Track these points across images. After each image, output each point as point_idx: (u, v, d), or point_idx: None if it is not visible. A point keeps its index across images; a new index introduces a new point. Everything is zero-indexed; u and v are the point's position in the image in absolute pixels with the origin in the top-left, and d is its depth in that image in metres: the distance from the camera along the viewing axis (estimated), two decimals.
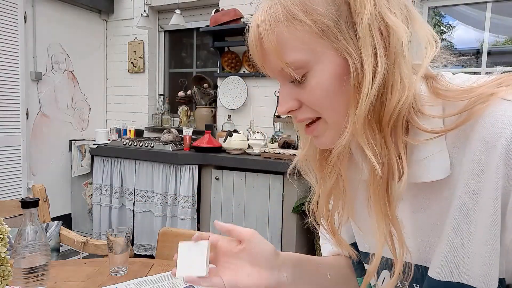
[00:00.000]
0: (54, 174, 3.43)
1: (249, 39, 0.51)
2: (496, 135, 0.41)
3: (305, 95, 0.49)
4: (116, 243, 1.01)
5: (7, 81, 2.97)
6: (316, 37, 0.45)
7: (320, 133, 0.52)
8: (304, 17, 0.45)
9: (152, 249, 2.97)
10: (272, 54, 0.48)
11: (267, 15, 0.47)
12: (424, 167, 0.47)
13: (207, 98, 3.41)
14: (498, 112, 0.42)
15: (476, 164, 0.44)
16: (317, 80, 0.47)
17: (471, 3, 2.65)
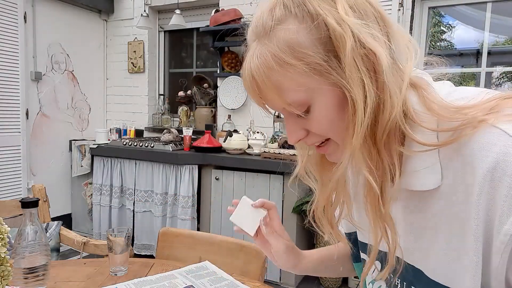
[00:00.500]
0: (54, 174, 3.43)
1: (245, 84, 0.53)
2: (479, 162, 0.44)
3: (311, 125, 0.53)
4: (116, 243, 1.01)
5: (7, 81, 2.97)
6: (310, 76, 0.47)
7: (332, 151, 0.56)
8: (295, 61, 0.47)
9: (152, 249, 2.97)
10: (271, 97, 0.51)
11: (259, 64, 0.49)
12: (417, 178, 0.50)
13: (207, 98, 3.41)
14: (485, 139, 0.44)
15: (461, 184, 0.47)
16: (320, 112, 0.50)
17: (471, 3, 2.65)
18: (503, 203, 0.42)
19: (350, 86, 0.46)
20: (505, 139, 0.43)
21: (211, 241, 1.21)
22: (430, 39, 2.84)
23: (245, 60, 0.53)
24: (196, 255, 1.17)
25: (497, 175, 0.43)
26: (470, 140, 0.45)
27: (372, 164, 0.49)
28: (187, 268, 1.05)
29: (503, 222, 0.42)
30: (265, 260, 1.12)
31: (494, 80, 2.83)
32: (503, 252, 0.43)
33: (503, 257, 0.43)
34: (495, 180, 0.43)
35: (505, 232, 0.42)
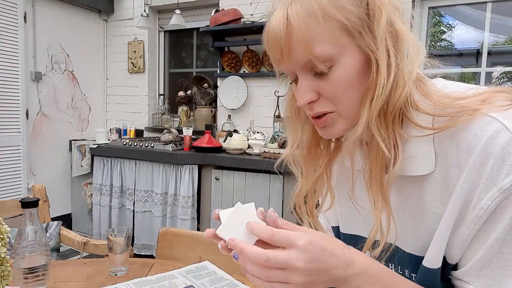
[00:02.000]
0: (54, 174, 3.43)
1: (272, 32, 0.53)
2: (472, 146, 0.48)
3: (327, 87, 0.53)
4: (116, 243, 1.01)
5: (7, 81, 2.97)
6: (344, 33, 0.50)
7: (331, 124, 0.56)
8: (337, 13, 0.49)
9: (152, 249, 2.97)
10: (300, 46, 0.51)
11: (302, 9, 0.50)
12: (412, 163, 0.54)
13: (207, 98, 3.40)
14: (479, 126, 0.48)
15: (454, 168, 0.50)
16: (341, 73, 0.52)
17: (471, 3, 2.65)
18: (485, 181, 0.46)
19: (379, 51, 0.50)
20: (496, 125, 0.47)
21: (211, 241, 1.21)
22: (430, 39, 2.84)
23: (270, 18, 0.54)
24: (196, 255, 1.17)
25: (484, 156, 0.47)
26: (465, 127, 0.49)
27: (385, 136, 0.52)
28: (187, 268, 1.05)
29: (481, 197, 0.47)
30: None
31: (494, 80, 2.83)
32: (475, 224, 0.48)
33: (473, 229, 0.48)
34: (482, 162, 0.47)
35: (481, 207, 0.47)
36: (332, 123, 0.56)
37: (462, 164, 0.49)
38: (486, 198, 0.46)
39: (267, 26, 0.54)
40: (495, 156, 0.46)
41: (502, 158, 0.45)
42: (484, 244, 0.48)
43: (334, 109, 0.54)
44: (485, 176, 0.46)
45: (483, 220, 0.47)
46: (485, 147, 0.46)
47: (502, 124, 0.47)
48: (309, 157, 0.65)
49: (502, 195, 0.45)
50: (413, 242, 0.57)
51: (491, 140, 0.46)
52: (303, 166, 0.66)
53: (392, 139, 0.52)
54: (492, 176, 0.46)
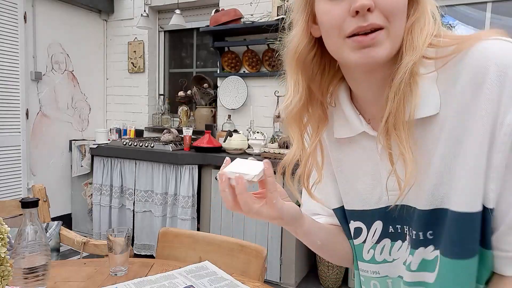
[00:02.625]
0: (54, 174, 3.43)
1: None
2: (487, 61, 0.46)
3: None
4: (116, 243, 1.01)
5: (7, 81, 2.97)
6: None
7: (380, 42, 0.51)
8: None
9: (152, 249, 2.97)
10: None
11: None
12: (418, 105, 0.52)
13: (207, 98, 3.40)
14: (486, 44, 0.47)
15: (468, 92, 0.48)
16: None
17: (471, 3, 2.65)
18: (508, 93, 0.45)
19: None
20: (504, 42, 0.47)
21: (211, 241, 1.21)
22: None
23: None
24: (196, 255, 1.17)
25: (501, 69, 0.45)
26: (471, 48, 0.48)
27: None
28: (187, 268, 1.05)
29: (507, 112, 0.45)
30: (265, 260, 1.11)
31: None
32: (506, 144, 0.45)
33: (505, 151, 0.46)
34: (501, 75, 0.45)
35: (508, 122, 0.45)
36: (379, 42, 0.50)
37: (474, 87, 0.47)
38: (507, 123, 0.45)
39: None
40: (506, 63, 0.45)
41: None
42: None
43: (386, 25, 0.50)
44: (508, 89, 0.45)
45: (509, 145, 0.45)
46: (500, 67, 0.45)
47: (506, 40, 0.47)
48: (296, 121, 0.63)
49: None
50: (417, 194, 0.54)
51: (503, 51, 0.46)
52: (295, 133, 0.63)
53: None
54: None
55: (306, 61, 0.60)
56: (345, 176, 0.67)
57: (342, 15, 0.51)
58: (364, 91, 0.60)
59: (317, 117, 0.64)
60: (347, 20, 0.50)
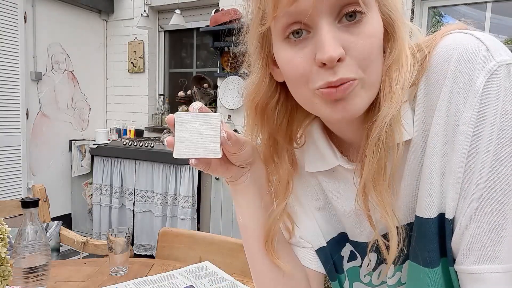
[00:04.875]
0: (54, 174, 3.43)
1: None
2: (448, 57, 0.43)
3: (357, 42, 0.42)
4: (116, 243, 1.01)
5: (7, 81, 2.97)
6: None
7: (354, 94, 0.43)
8: None
9: (152, 249, 2.97)
10: None
11: None
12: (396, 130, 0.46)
13: (207, 98, 3.40)
14: (446, 42, 0.44)
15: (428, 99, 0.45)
16: (372, 28, 0.42)
17: (471, 3, 2.65)
18: (458, 90, 0.42)
19: (399, 20, 0.44)
20: (450, 36, 0.44)
21: (211, 241, 1.21)
22: None
23: None
24: (196, 255, 1.17)
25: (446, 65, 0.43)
26: (430, 57, 0.45)
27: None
28: (187, 268, 1.05)
29: (461, 110, 0.41)
30: None
31: None
32: (463, 144, 0.41)
33: (463, 153, 0.41)
34: (454, 71, 0.42)
35: (463, 121, 0.41)
36: (353, 94, 0.43)
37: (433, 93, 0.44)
38: (467, 109, 0.41)
39: None
40: (456, 58, 0.42)
41: (465, 58, 0.41)
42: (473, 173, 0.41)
43: (360, 75, 0.43)
44: (459, 84, 0.42)
45: (470, 136, 0.41)
46: (460, 56, 0.42)
47: (455, 32, 0.44)
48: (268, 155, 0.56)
49: (479, 99, 0.40)
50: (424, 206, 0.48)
51: (448, 47, 0.43)
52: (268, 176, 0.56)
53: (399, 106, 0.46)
54: (465, 81, 0.41)
55: (268, 110, 0.52)
56: (329, 211, 0.61)
57: (306, 65, 0.43)
58: (342, 131, 0.54)
59: (285, 170, 0.55)
60: (314, 71, 0.42)
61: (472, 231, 0.42)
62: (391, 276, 0.56)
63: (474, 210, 0.41)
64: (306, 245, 0.62)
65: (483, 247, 0.41)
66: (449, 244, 0.45)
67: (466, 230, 0.42)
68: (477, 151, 0.41)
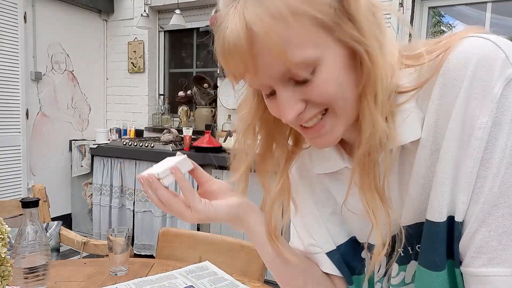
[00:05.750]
0: (54, 174, 3.43)
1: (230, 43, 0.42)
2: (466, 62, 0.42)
3: (313, 92, 0.44)
4: (116, 243, 1.01)
5: (7, 81, 2.97)
6: (320, 29, 0.42)
7: (328, 130, 0.48)
8: (308, 8, 0.40)
9: (152, 249, 2.97)
10: (272, 57, 0.42)
11: (261, 12, 0.40)
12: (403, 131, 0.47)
13: (207, 98, 3.40)
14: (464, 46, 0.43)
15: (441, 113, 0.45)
16: (327, 74, 0.43)
17: (471, 3, 2.65)
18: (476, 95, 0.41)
19: (367, 41, 0.42)
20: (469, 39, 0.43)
21: (211, 241, 1.21)
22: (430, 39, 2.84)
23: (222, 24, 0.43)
24: (196, 255, 1.17)
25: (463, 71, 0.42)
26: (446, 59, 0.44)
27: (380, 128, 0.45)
28: (187, 268, 1.05)
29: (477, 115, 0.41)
30: None
31: None
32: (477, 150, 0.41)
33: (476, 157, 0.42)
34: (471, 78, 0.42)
35: (479, 126, 0.41)
36: (330, 128, 0.47)
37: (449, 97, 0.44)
38: (483, 115, 0.41)
39: (219, 36, 0.44)
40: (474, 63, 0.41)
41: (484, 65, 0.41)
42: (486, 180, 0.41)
43: (325, 107, 0.46)
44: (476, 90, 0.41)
45: (485, 141, 0.41)
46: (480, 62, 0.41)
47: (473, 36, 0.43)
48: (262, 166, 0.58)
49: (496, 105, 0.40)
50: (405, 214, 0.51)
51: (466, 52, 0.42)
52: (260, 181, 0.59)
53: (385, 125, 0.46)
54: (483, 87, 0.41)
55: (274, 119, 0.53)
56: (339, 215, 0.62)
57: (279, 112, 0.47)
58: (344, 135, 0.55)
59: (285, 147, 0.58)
60: None
61: (483, 234, 0.42)
62: (395, 276, 0.56)
63: (486, 214, 0.42)
64: (317, 251, 0.64)
65: (493, 250, 0.42)
66: (456, 246, 0.45)
67: (476, 233, 0.43)
68: (491, 156, 0.41)
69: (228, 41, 0.42)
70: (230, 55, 0.43)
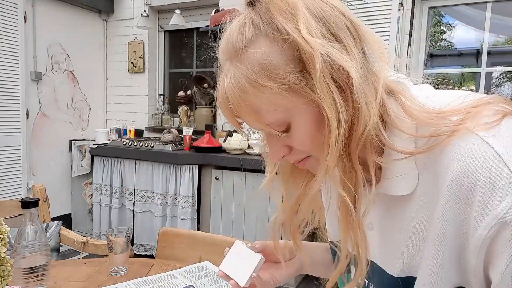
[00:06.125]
0: (54, 174, 3.43)
1: (220, 105, 0.52)
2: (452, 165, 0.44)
3: (294, 143, 0.51)
4: (116, 243, 1.01)
5: (7, 81, 2.97)
6: (286, 96, 0.46)
7: (312, 166, 0.55)
8: (270, 82, 0.46)
9: (152, 249, 2.97)
10: (249, 118, 0.50)
11: (233, 87, 0.48)
12: (394, 183, 0.51)
13: (207, 98, 3.40)
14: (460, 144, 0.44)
15: (434, 187, 0.47)
16: (299, 130, 0.49)
17: (471, 3, 2.65)
18: (477, 208, 0.42)
19: (324, 105, 0.45)
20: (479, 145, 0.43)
21: (211, 241, 1.21)
22: (430, 39, 2.84)
23: (218, 81, 0.52)
24: (196, 255, 1.17)
25: (467, 180, 0.43)
26: (447, 145, 0.45)
27: (346, 178, 0.48)
28: (187, 268, 1.05)
29: (477, 226, 0.42)
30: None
31: (494, 80, 2.83)
32: (478, 254, 0.43)
33: (478, 258, 0.44)
34: (466, 185, 0.43)
35: (478, 237, 0.43)
36: (314, 166, 0.54)
37: (440, 185, 0.45)
38: (482, 227, 0.42)
39: (216, 90, 0.53)
40: (483, 180, 0.42)
41: (491, 183, 0.41)
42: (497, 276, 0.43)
43: (308, 154, 0.53)
44: (476, 203, 0.42)
45: (485, 249, 0.43)
46: (468, 168, 0.43)
47: (486, 143, 0.43)
48: (291, 177, 0.62)
49: (499, 223, 0.41)
50: (393, 262, 0.55)
51: (474, 161, 0.42)
52: (283, 187, 0.63)
53: (360, 176, 0.48)
54: (484, 202, 0.42)
55: None
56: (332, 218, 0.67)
57: None
58: None
59: None
60: None
61: None
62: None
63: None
64: None
65: None
66: None
67: None
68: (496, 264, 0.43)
69: (218, 100, 0.52)
70: (222, 110, 0.52)
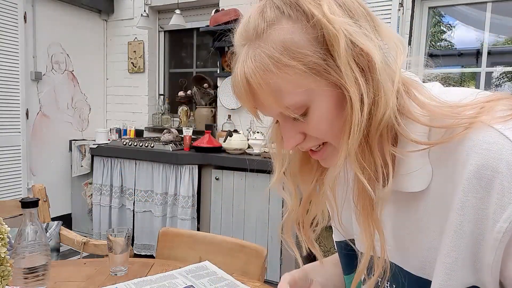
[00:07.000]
0: (54, 174, 3.43)
1: (237, 91, 0.51)
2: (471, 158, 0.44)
3: (309, 128, 0.51)
4: (116, 243, 1.01)
5: (7, 81, 2.97)
6: (309, 77, 0.46)
7: (328, 156, 0.54)
8: (293, 62, 0.46)
9: (152, 249, 2.97)
10: (268, 101, 0.49)
11: (255, 67, 0.47)
12: (408, 179, 0.51)
13: (207, 98, 3.40)
14: (479, 137, 0.44)
15: (450, 183, 0.46)
16: (318, 114, 0.49)
17: (471, 3, 2.65)
18: (496, 201, 0.42)
19: (347, 86, 0.46)
20: (497, 138, 0.43)
21: (211, 241, 1.21)
22: (430, 39, 2.84)
23: (235, 65, 0.52)
24: (196, 255, 1.17)
25: (486, 172, 0.42)
26: (463, 139, 0.45)
27: (366, 164, 0.48)
28: (187, 268, 1.05)
29: (497, 219, 0.42)
30: (265, 260, 1.11)
31: (494, 80, 2.83)
32: (497, 248, 0.43)
33: (497, 253, 0.43)
34: (485, 178, 0.43)
35: (498, 230, 0.42)
36: (329, 155, 0.54)
37: (457, 179, 0.45)
38: (503, 220, 0.41)
39: (233, 74, 0.52)
40: (502, 172, 0.41)
41: (511, 174, 0.41)
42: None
43: (323, 141, 0.53)
44: (495, 195, 0.42)
45: (505, 243, 0.42)
46: (487, 161, 0.42)
47: (504, 136, 0.43)
48: (300, 175, 0.62)
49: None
50: (410, 260, 0.54)
51: (493, 154, 0.42)
52: (292, 185, 0.62)
53: (379, 163, 0.49)
54: (504, 194, 0.41)
55: None
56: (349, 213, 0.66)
57: None
58: None
59: None
60: None
61: None
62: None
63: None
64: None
65: None
66: None
67: None
68: None
69: (234, 85, 0.52)
70: (238, 96, 0.52)
